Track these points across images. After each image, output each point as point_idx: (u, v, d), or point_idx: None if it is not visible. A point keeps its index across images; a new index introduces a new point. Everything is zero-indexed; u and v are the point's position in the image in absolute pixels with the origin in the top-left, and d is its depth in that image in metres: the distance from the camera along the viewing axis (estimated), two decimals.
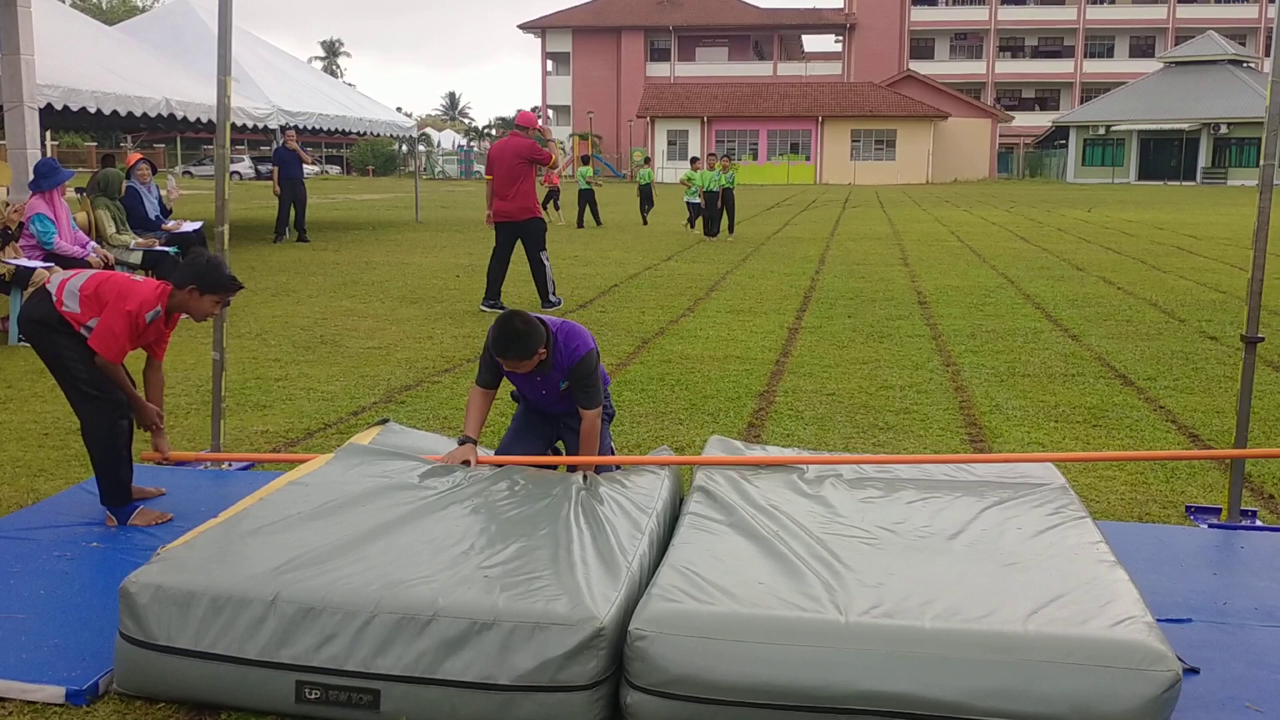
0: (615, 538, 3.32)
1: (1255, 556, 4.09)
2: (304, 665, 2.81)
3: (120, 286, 4.13)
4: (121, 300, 4.07)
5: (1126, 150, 60.56)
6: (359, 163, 68.98)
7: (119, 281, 4.18)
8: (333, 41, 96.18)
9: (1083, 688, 2.62)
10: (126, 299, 4.08)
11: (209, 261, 4.22)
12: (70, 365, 4.12)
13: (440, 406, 6.62)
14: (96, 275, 4.22)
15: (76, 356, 4.11)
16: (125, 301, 4.07)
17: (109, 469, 4.22)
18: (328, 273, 13.77)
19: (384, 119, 22.86)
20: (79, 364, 4.12)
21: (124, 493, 4.28)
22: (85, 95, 13.37)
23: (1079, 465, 5.41)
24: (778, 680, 2.70)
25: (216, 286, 4.17)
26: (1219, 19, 66.71)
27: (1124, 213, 29.65)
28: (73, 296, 4.11)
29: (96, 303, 4.09)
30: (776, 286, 12.86)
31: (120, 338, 4.06)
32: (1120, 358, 8.31)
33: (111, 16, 54.61)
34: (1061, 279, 13.74)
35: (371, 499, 3.59)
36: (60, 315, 4.10)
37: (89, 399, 4.16)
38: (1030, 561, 3.21)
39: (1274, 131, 4.30)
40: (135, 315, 4.08)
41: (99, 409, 4.18)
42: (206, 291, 4.15)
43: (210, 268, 4.18)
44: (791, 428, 6.19)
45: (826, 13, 73.79)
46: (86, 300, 4.10)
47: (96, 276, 4.20)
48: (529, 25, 73.36)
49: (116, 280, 4.19)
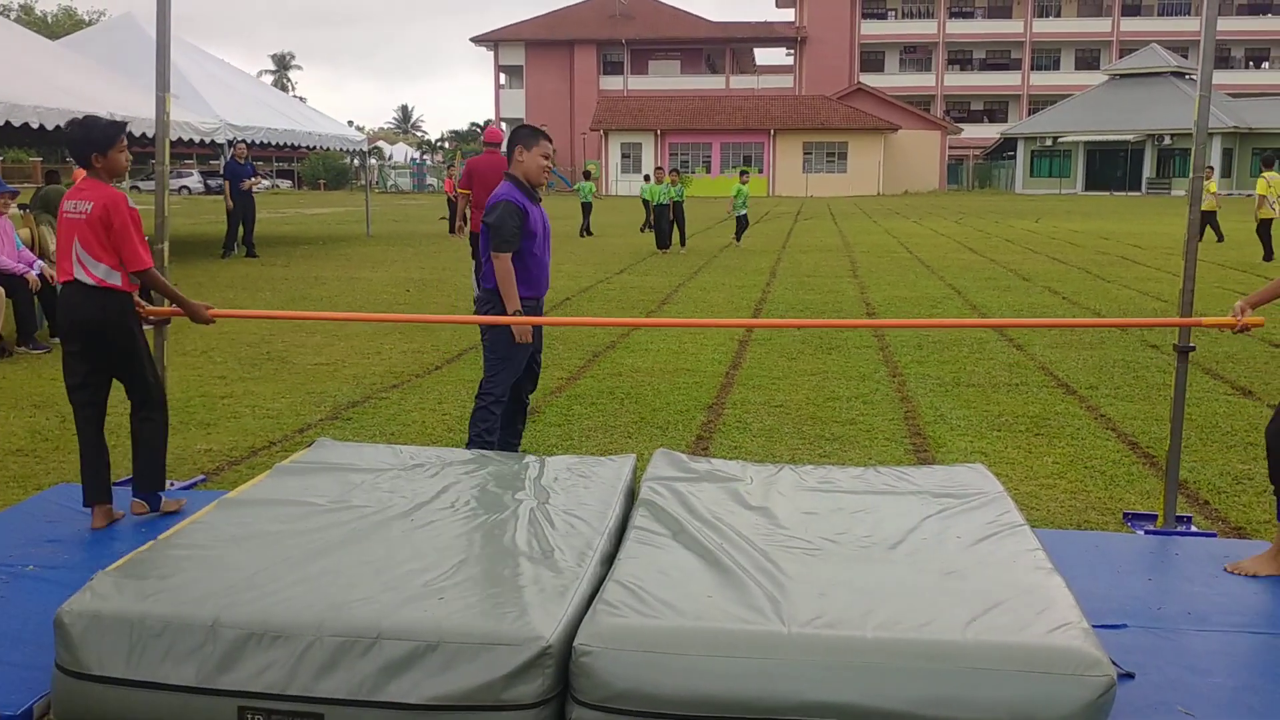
0: (563, 555, 3.32)
1: (1189, 562, 4.18)
2: (246, 691, 2.78)
3: (127, 223, 4.32)
4: (118, 214, 4.28)
5: (1073, 161, 61.52)
6: (310, 176, 68.36)
7: (120, 222, 4.31)
8: (284, 55, 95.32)
9: (1020, 694, 2.66)
10: (118, 210, 4.29)
11: (85, 124, 4.40)
12: (142, 353, 4.47)
13: (387, 423, 6.59)
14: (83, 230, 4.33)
15: (143, 345, 4.49)
16: (120, 211, 4.28)
17: (162, 455, 4.57)
18: (276, 288, 13.66)
19: (334, 133, 22.73)
20: (146, 354, 4.50)
21: (163, 477, 4.63)
22: (28, 110, 13.19)
23: (1019, 475, 5.49)
24: (722, 692, 2.72)
25: (113, 137, 4.39)
26: (1162, 32, 68.10)
27: (1070, 223, 30.13)
28: (94, 267, 4.30)
29: (103, 249, 4.29)
30: (728, 299, 12.93)
31: (140, 238, 4.37)
32: (1063, 367, 8.44)
33: (56, 30, 53.88)
34: (1008, 289, 13.93)
35: (310, 518, 3.56)
36: (108, 292, 4.31)
37: (156, 387, 4.55)
38: (969, 570, 3.25)
39: (1201, 145, 4.42)
40: (132, 211, 4.35)
41: (162, 397, 4.60)
42: (111, 148, 4.37)
43: (93, 127, 4.39)
44: (739, 440, 6.23)
45: (778, 26, 74.41)
46: (98, 252, 4.29)
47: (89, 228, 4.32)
48: (481, 38, 73.25)
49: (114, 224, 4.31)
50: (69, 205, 4.35)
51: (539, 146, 5.10)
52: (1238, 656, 3.37)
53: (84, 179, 4.42)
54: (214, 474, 5.48)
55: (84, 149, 4.34)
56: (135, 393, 4.52)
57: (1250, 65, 71.00)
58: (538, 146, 5.09)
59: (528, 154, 5.07)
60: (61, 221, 4.37)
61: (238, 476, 5.34)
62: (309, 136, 21.23)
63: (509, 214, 4.96)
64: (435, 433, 6.37)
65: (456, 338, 9.60)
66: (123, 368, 4.46)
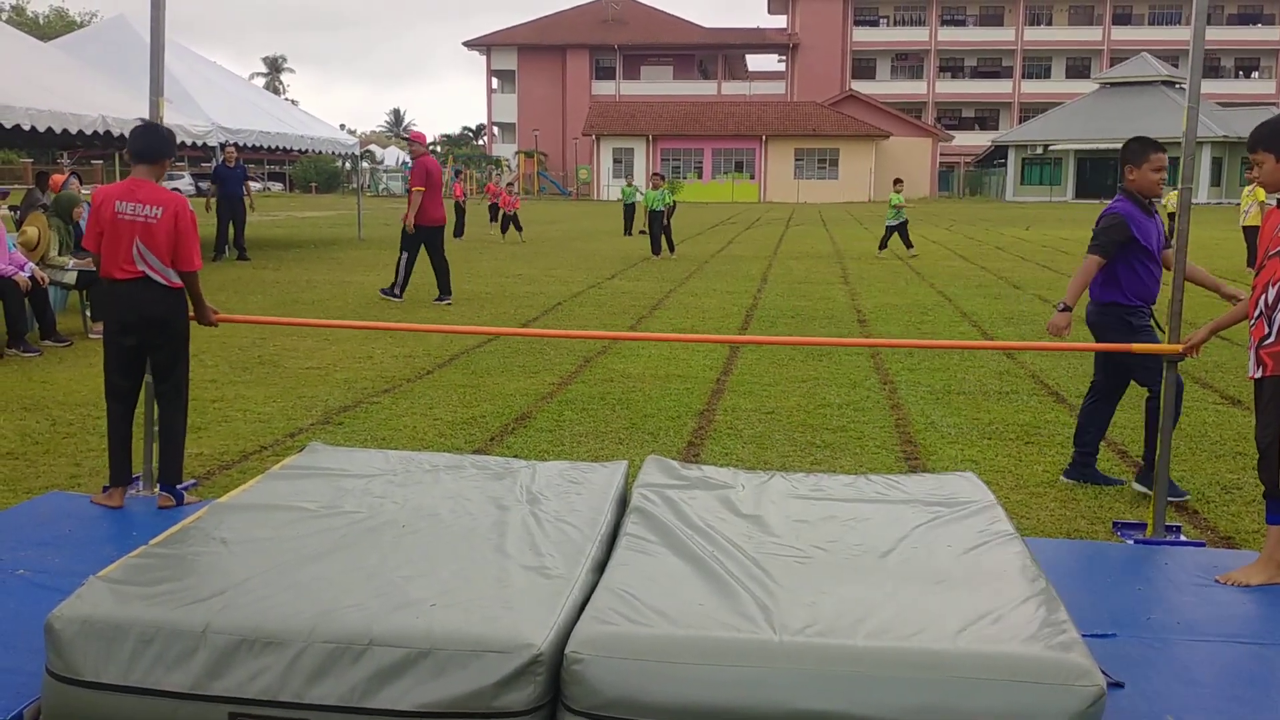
0: (555, 562, 3.32)
1: (1179, 571, 4.19)
2: (237, 697, 2.77)
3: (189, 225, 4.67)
4: (184, 217, 4.64)
5: (1064, 169, 61.74)
6: (302, 179, 68.28)
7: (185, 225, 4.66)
8: (275, 58, 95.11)
9: (1010, 704, 2.67)
10: (184, 213, 4.64)
11: (168, 133, 4.81)
12: (185, 351, 4.81)
13: (379, 428, 6.58)
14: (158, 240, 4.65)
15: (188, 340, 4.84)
16: (186, 215, 4.64)
17: (183, 449, 4.83)
18: (268, 291, 13.64)
19: (326, 136, 22.71)
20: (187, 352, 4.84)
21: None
22: (19, 112, 13.15)
23: (1009, 483, 5.51)
24: (713, 701, 2.72)
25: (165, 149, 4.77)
26: (1152, 40, 68.47)
27: (1061, 230, 30.23)
28: (163, 269, 4.63)
29: (171, 251, 4.61)
30: (719, 305, 12.95)
31: (197, 242, 4.75)
32: (1053, 375, 8.47)
33: (48, 32, 53.68)
34: (999, 297, 13.98)
35: (301, 523, 3.56)
36: (178, 292, 4.68)
37: (187, 384, 4.85)
38: (960, 579, 3.26)
39: (1191, 156, 4.44)
40: (192, 214, 4.71)
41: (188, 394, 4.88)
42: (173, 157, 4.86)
43: (170, 136, 4.82)
44: (730, 446, 6.24)
45: (770, 32, 74.57)
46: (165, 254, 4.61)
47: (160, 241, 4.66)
48: (473, 43, 73.29)
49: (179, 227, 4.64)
50: (128, 208, 4.60)
51: (1148, 161, 5.31)
52: (1227, 666, 3.38)
53: (137, 182, 4.67)
54: (205, 478, 5.47)
55: (164, 153, 4.74)
56: (170, 385, 4.81)
57: (1240, 75, 71.39)
58: (1147, 162, 5.31)
59: (1138, 170, 5.33)
60: (117, 222, 4.60)
61: (229, 481, 5.33)
62: (301, 140, 21.22)
63: (1113, 227, 5.26)
64: (427, 438, 6.37)
65: (447, 342, 9.60)
66: (171, 363, 4.78)
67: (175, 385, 4.81)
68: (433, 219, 12.78)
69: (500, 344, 9.48)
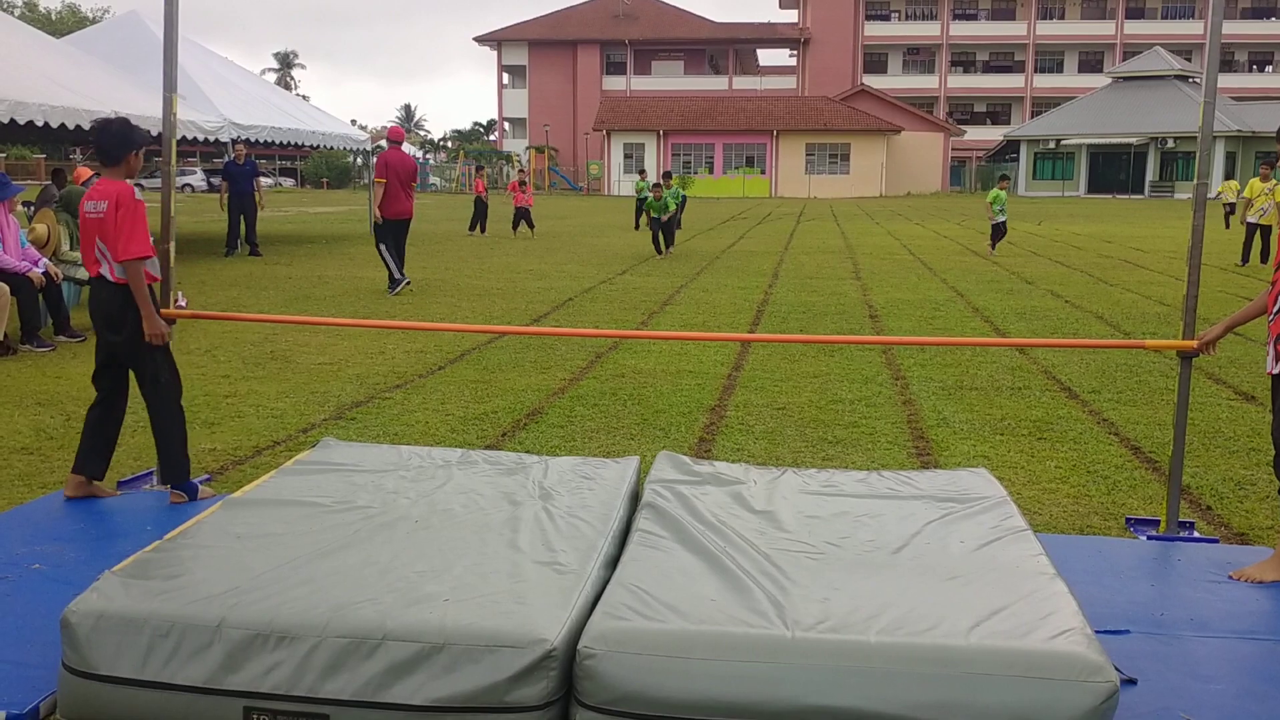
0: (568, 558, 3.33)
1: (1192, 568, 4.18)
2: (252, 691, 2.79)
3: (127, 213, 4.52)
4: (124, 207, 4.49)
5: (1076, 164, 61.52)
6: (313, 175, 68.41)
7: (123, 213, 4.51)
8: (287, 54, 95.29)
9: (1023, 700, 2.67)
10: (124, 201, 4.50)
11: (120, 127, 4.66)
12: (155, 349, 4.65)
13: (391, 423, 6.60)
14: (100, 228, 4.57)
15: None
16: (125, 203, 4.49)
17: (178, 445, 4.73)
18: (280, 287, 13.67)
19: (337, 132, 22.74)
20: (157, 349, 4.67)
21: (186, 468, 4.78)
22: (32, 108, 13.19)
23: (1021, 479, 5.50)
24: (725, 696, 2.72)
25: (145, 139, 4.72)
26: (1165, 35, 68.10)
27: (1073, 226, 30.13)
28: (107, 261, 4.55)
29: (116, 233, 4.50)
30: (730, 300, 12.94)
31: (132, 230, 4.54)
32: (1066, 371, 8.45)
33: (60, 28, 53.91)
34: (1011, 292, 13.94)
35: (315, 518, 3.57)
36: (122, 288, 4.55)
37: (167, 384, 4.74)
38: (972, 575, 3.26)
39: (1206, 152, 4.42)
40: (138, 203, 4.56)
41: (175, 393, 4.77)
42: (142, 148, 4.70)
43: (134, 128, 4.69)
44: (742, 442, 6.24)
45: (781, 27, 74.41)
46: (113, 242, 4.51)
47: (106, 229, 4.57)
48: (484, 38, 73.30)
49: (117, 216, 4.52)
50: (89, 206, 4.59)
51: None
52: (1240, 663, 3.38)
53: (100, 179, 4.63)
54: (218, 473, 5.49)
55: (124, 146, 4.61)
56: (147, 383, 4.74)
57: (1254, 68, 70.99)
58: None
59: None
60: (83, 221, 4.62)
61: (242, 476, 5.36)
62: (312, 135, 21.25)
63: None
64: (439, 433, 6.39)
65: (459, 337, 9.62)
66: (137, 361, 4.70)
67: (152, 383, 4.72)
68: (396, 212, 12.89)
69: (512, 339, 9.50)
